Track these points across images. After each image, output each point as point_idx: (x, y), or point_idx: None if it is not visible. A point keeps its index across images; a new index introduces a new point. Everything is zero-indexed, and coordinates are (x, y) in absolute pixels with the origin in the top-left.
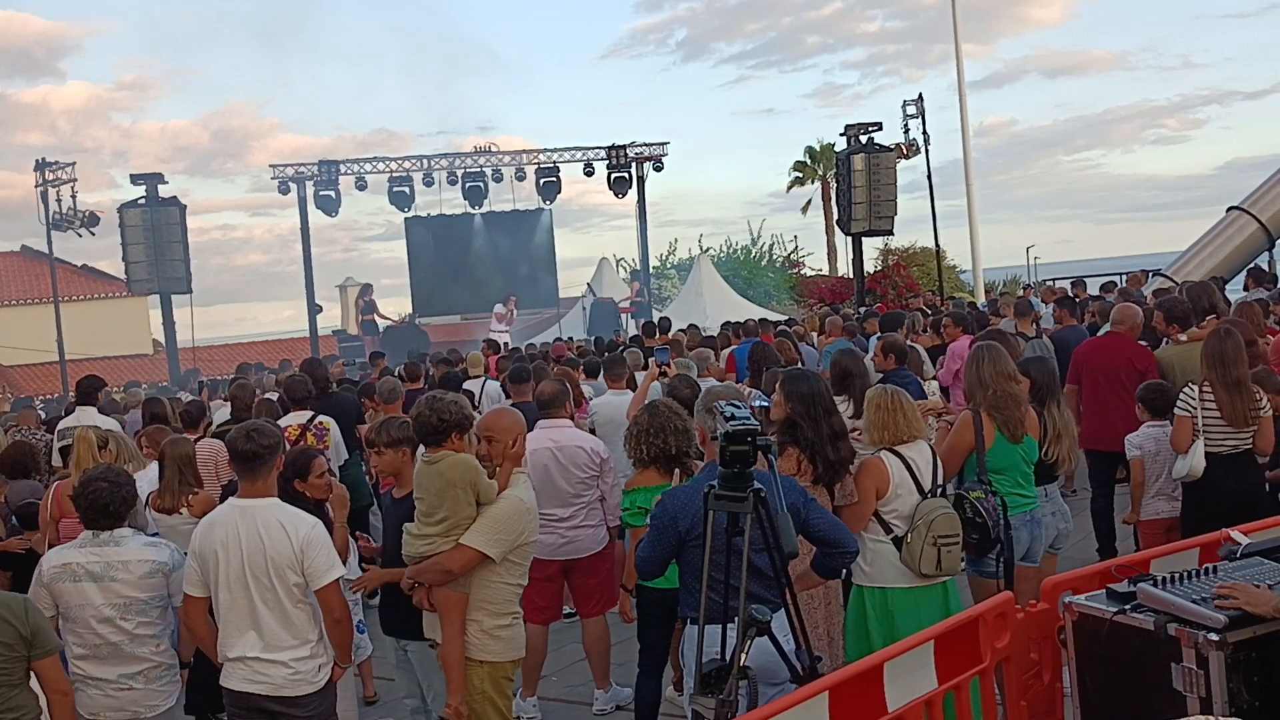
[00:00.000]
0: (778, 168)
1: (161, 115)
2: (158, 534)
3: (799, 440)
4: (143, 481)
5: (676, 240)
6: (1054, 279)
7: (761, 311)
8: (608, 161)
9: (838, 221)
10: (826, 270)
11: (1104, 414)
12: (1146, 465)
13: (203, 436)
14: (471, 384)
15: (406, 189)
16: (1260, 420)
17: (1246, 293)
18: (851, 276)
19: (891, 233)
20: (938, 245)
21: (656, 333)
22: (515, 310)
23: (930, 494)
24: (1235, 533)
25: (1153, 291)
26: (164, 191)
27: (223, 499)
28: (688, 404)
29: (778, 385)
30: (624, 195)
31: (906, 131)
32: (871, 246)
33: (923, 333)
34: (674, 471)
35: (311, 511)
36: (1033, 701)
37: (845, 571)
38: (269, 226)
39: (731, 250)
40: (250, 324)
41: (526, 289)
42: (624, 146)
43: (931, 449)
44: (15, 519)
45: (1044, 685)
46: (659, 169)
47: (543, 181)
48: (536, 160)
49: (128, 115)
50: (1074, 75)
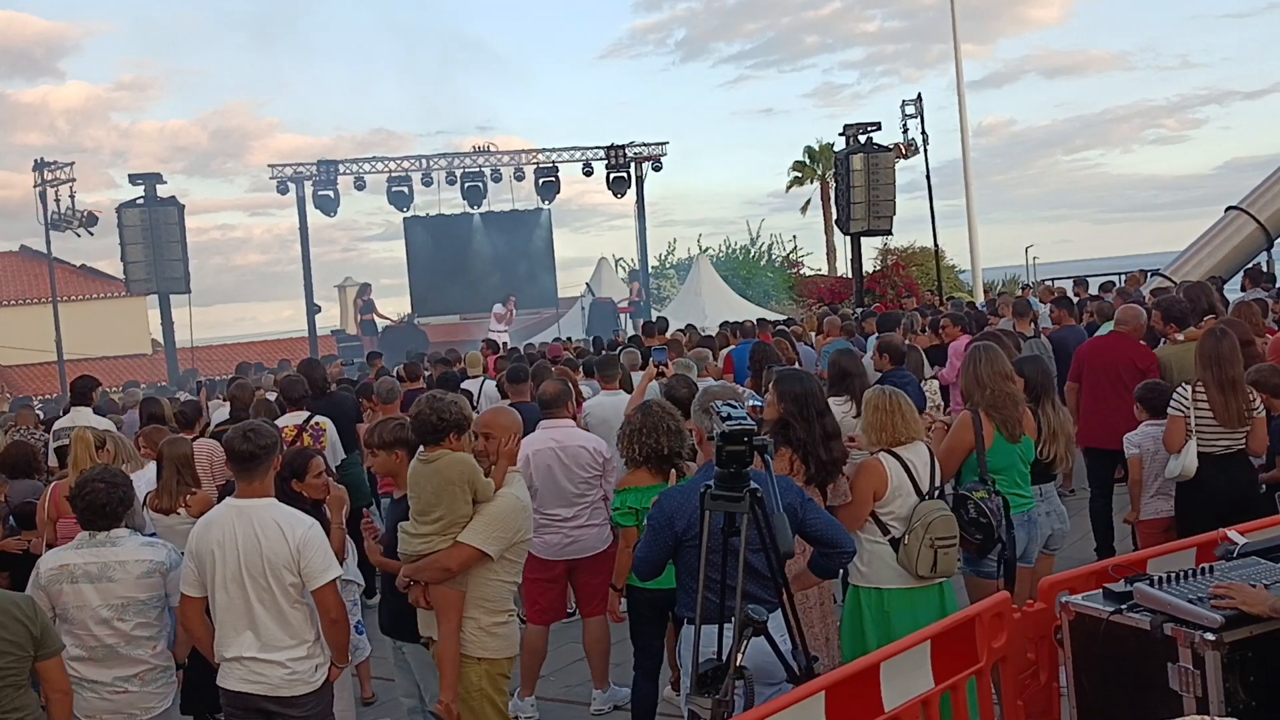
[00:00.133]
0: (777, 168)
1: (160, 115)
2: (155, 534)
3: (791, 440)
4: (140, 482)
5: (675, 240)
6: (1053, 279)
7: (760, 311)
8: (606, 161)
9: (836, 221)
10: (825, 270)
11: (1104, 413)
12: (1145, 464)
13: (198, 436)
14: (470, 384)
15: (405, 189)
16: (1254, 421)
17: (1244, 293)
18: (850, 276)
19: (890, 232)
20: (936, 245)
21: (656, 333)
22: (514, 310)
23: (928, 495)
24: (1232, 532)
25: (1150, 291)
26: (162, 191)
27: (220, 499)
28: (685, 404)
29: (771, 385)
30: (623, 195)
31: (905, 131)
32: (870, 246)
33: (921, 333)
34: (669, 472)
35: (309, 512)
36: (1029, 701)
37: (842, 572)
38: (268, 226)
39: (730, 250)
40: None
41: (525, 289)
42: (623, 146)
43: (929, 450)
44: (13, 519)
45: (1041, 685)
46: (658, 169)
47: (541, 181)
48: (535, 160)
49: (127, 115)
50: (1073, 75)
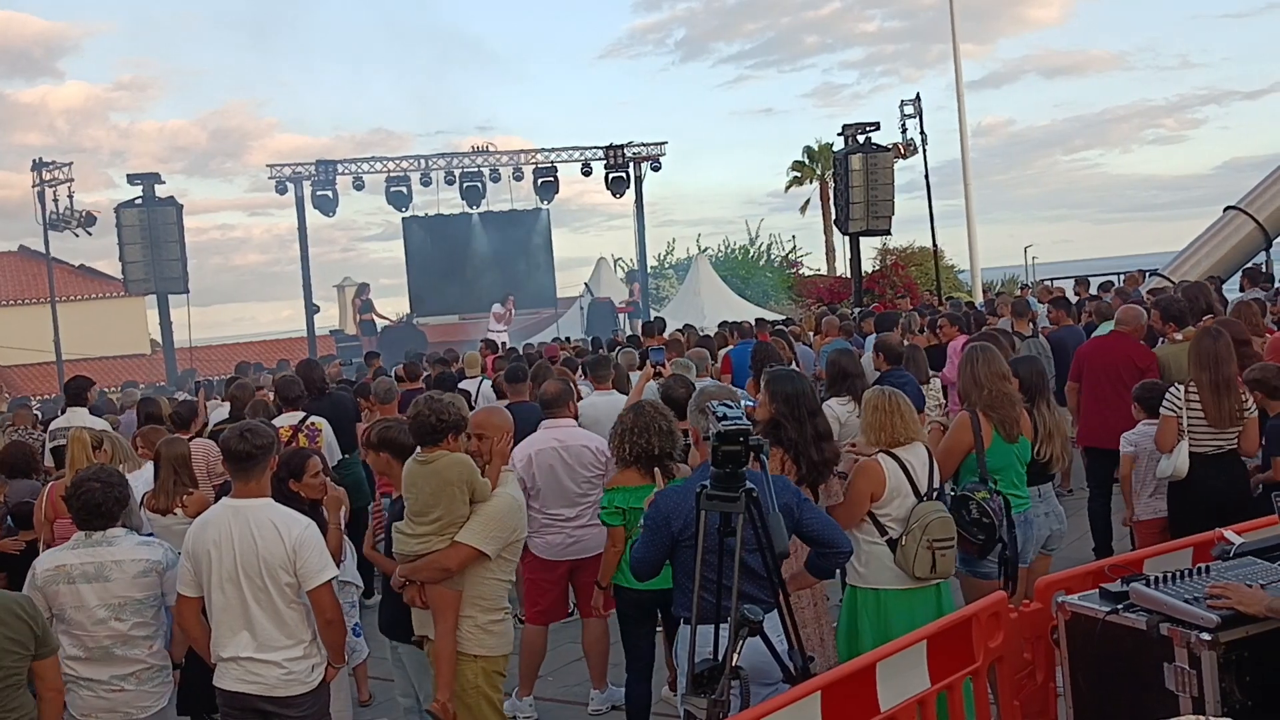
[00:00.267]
0: (776, 167)
1: (159, 115)
2: (152, 534)
3: (783, 441)
4: (137, 482)
5: (675, 240)
6: (1052, 279)
7: (759, 311)
8: (605, 161)
9: (835, 221)
10: (824, 270)
11: (1104, 413)
12: (1143, 463)
13: (194, 436)
14: (468, 384)
15: (404, 189)
16: (1246, 421)
17: (1243, 292)
18: (849, 276)
19: (889, 232)
20: (935, 245)
21: (655, 334)
22: (513, 310)
23: (927, 496)
24: (1229, 532)
25: (1148, 291)
26: (161, 191)
27: (217, 499)
28: (682, 404)
29: (763, 385)
30: (622, 195)
31: (904, 131)
32: (870, 246)
33: (919, 333)
34: (654, 472)
35: (306, 512)
36: (1026, 701)
37: (840, 572)
38: (267, 226)
39: (729, 250)
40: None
41: (524, 289)
42: (622, 146)
43: (929, 450)
44: (10, 519)
45: (1037, 685)
46: (656, 169)
47: (540, 181)
48: (534, 160)
49: (126, 115)
50: (1072, 75)
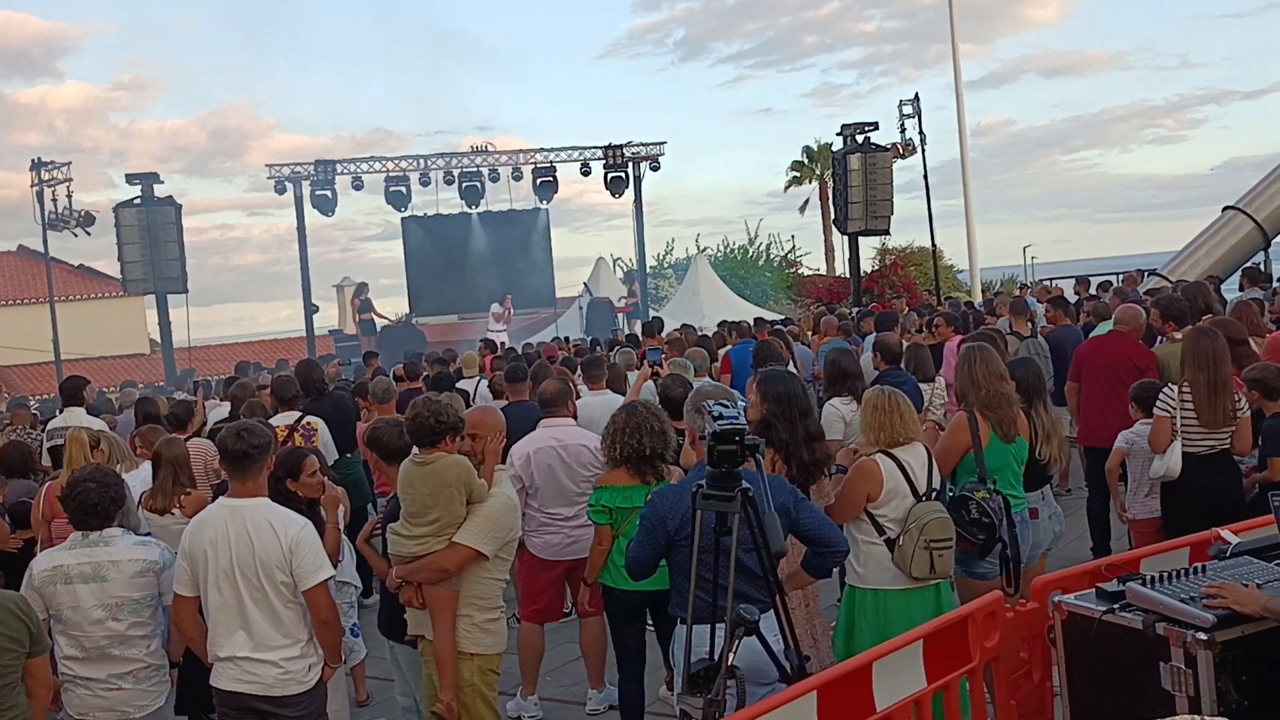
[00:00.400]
0: (775, 167)
1: (159, 115)
2: (150, 534)
3: (774, 441)
4: (135, 481)
5: (674, 240)
6: (1051, 279)
7: (758, 311)
8: (604, 161)
9: (834, 221)
10: (824, 270)
11: (1103, 412)
12: (1139, 462)
13: (191, 436)
14: (465, 384)
15: (403, 189)
16: (1239, 421)
17: (1242, 292)
18: (848, 276)
19: (888, 232)
20: (934, 245)
21: (654, 334)
22: (512, 309)
23: (926, 496)
24: (1225, 532)
25: (1146, 291)
26: (160, 191)
27: (215, 499)
28: (679, 403)
29: (755, 385)
30: (621, 195)
31: (903, 131)
32: (869, 246)
33: (917, 333)
34: (647, 474)
35: (303, 512)
36: (1022, 701)
37: (839, 571)
38: (266, 226)
39: (729, 250)
40: (248, 324)
41: (523, 289)
42: (621, 146)
43: (928, 450)
44: (8, 519)
45: (1034, 684)
46: (655, 169)
47: (539, 181)
48: (533, 160)
49: (125, 115)
50: (1071, 75)
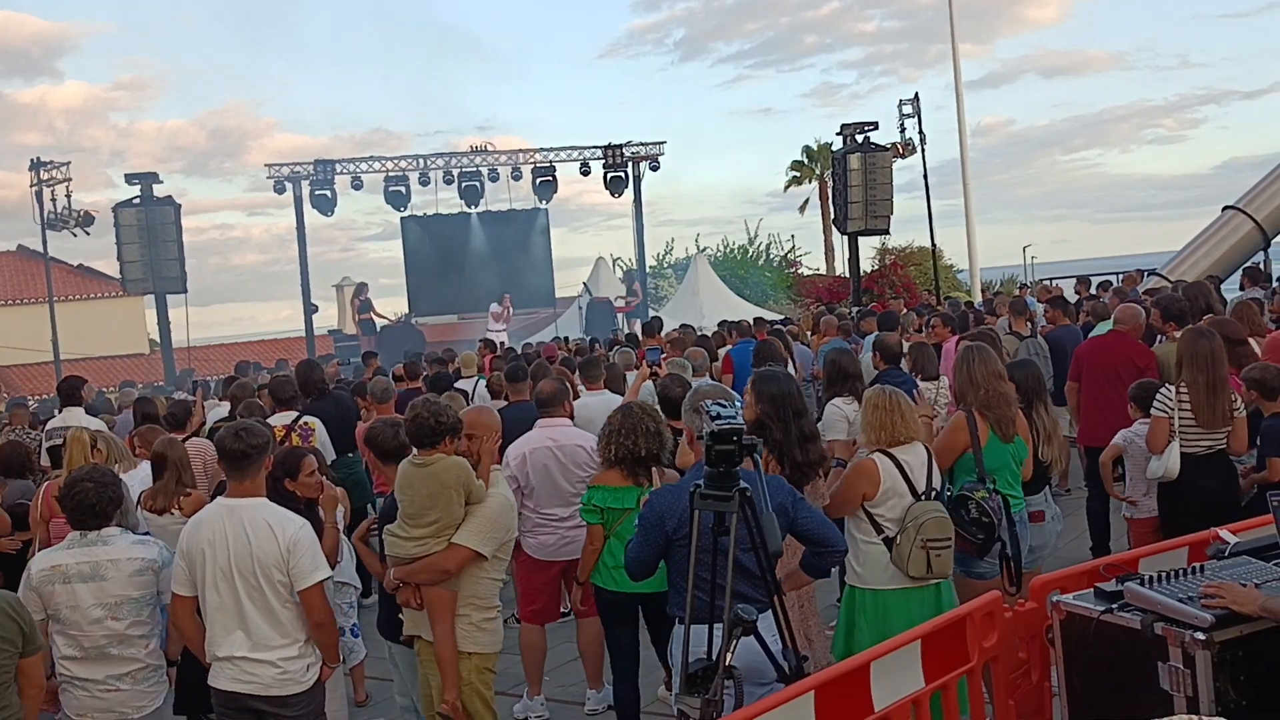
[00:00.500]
0: (775, 167)
1: (159, 115)
2: (148, 533)
3: (767, 441)
4: (133, 481)
5: (673, 240)
6: (1050, 279)
7: (758, 311)
8: (604, 161)
9: (834, 221)
10: (823, 270)
11: (1103, 412)
12: (1138, 462)
13: (190, 436)
14: (464, 384)
15: (402, 188)
16: (1235, 421)
17: (1243, 291)
18: (848, 276)
19: (888, 232)
20: (934, 245)
21: (655, 333)
22: (511, 308)
23: (926, 496)
24: (1224, 532)
25: (1145, 291)
26: (159, 191)
27: (213, 499)
28: (678, 403)
29: (749, 385)
30: (620, 195)
31: (902, 131)
32: (869, 246)
33: (916, 333)
34: (640, 475)
35: (302, 512)
36: (1021, 701)
37: (839, 571)
38: (266, 226)
39: (728, 250)
40: (248, 324)
41: (522, 289)
42: (620, 146)
43: (928, 450)
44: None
45: (1032, 684)
46: (655, 168)
47: (539, 181)
48: (532, 160)
49: (125, 115)
50: (1071, 75)
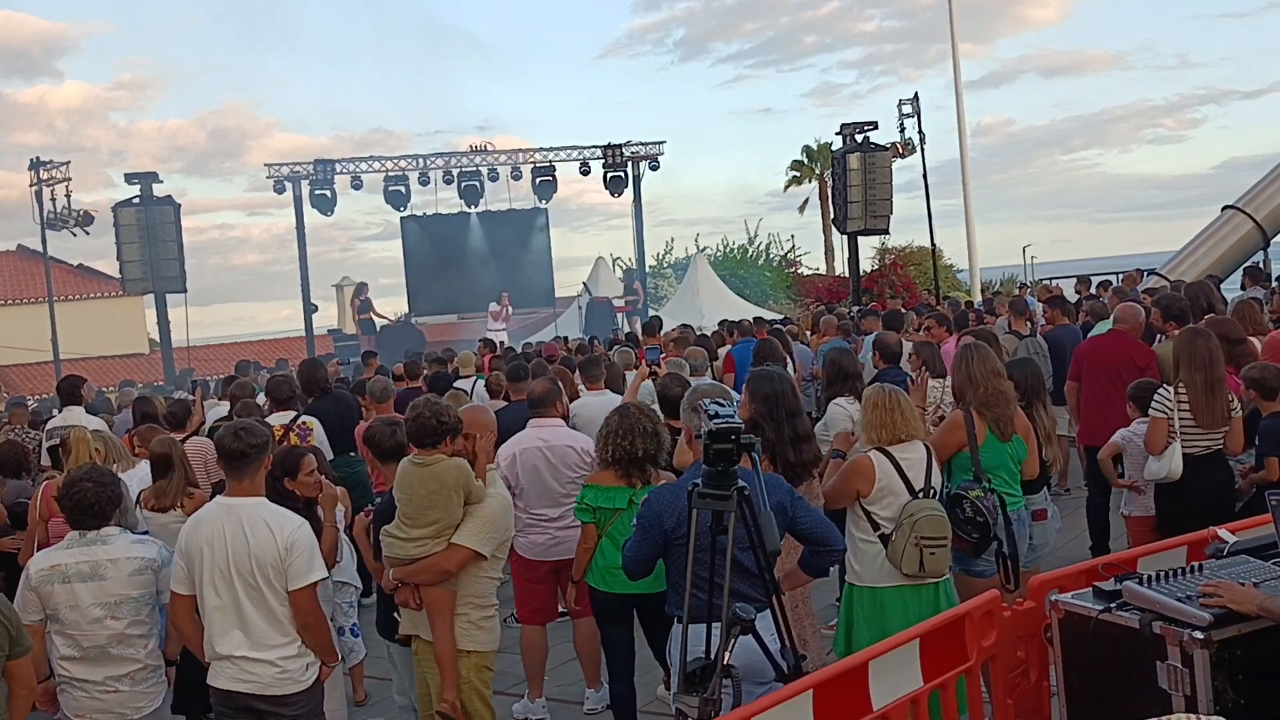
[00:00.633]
0: (775, 167)
1: (158, 115)
2: (147, 532)
3: (761, 441)
4: (131, 481)
5: (673, 239)
6: (1050, 278)
7: (758, 311)
8: (604, 161)
9: (834, 221)
10: (823, 269)
11: (1103, 411)
12: (1136, 461)
13: (189, 436)
14: (462, 383)
15: (402, 188)
16: (1233, 421)
17: (1243, 291)
18: (848, 276)
19: (887, 232)
20: (934, 244)
21: (655, 333)
22: (510, 307)
23: (924, 494)
24: (1222, 531)
25: (1144, 291)
26: (159, 190)
27: (213, 498)
28: (677, 402)
29: (744, 385)
30: (620, 194)
31: (902, 131)
32: (869, 246)
33: (917, 332)
34: (634, 477)
35: (300, 511)
36: (1019, 700)
37: (838, 570)
38: (266, 226)
39: (728, 249)
40: (248, 323)
41: (522, 288)
42: (620, 146)
43: (928, 449)
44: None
45: (1031, 684)
46: (655, 168)
47: (539, 181)
48: (532, 159)
49: (125, 115)
50: (1071, 75)
